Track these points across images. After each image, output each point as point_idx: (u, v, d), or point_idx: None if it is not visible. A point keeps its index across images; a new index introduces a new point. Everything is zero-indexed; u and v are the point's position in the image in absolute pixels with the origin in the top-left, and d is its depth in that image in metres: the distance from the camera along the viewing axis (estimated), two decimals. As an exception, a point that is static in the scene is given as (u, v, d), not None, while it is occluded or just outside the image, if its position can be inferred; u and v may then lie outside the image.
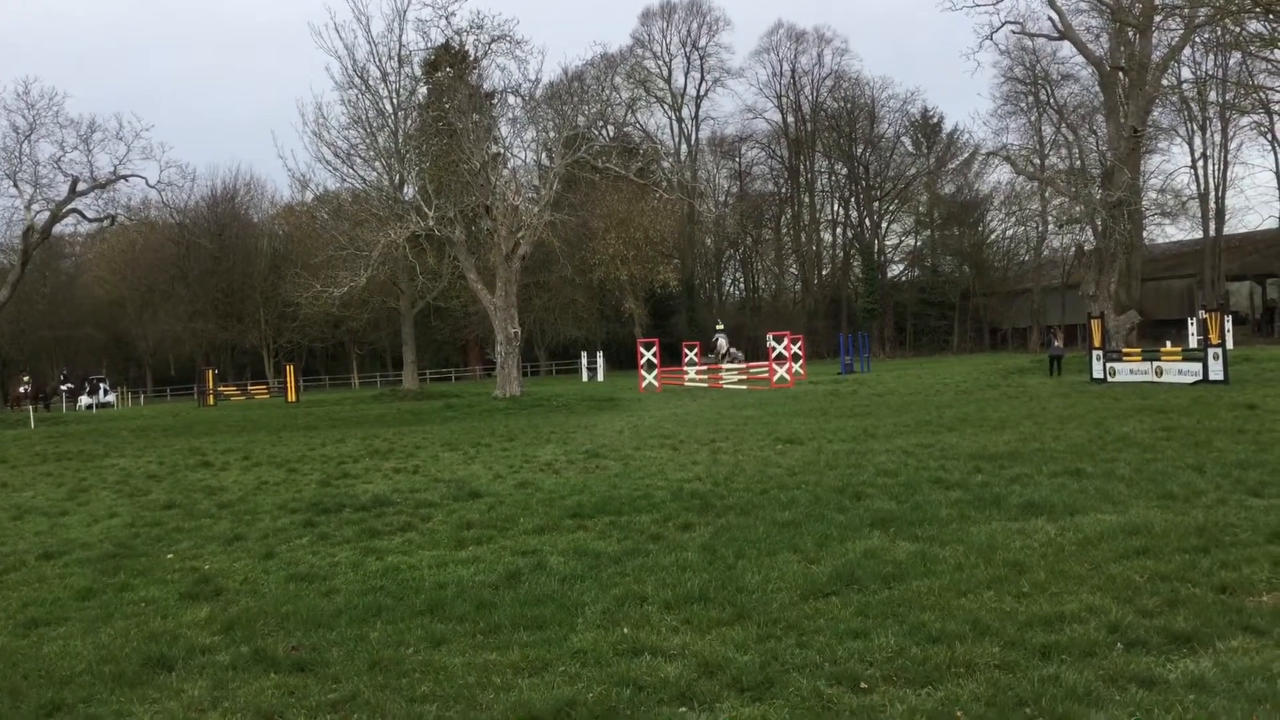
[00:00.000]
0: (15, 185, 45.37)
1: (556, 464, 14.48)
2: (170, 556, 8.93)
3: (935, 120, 78.16)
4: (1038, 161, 66.14)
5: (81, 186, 45.61)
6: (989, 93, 76.04)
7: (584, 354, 58.61)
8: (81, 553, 9.29)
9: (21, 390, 47.58)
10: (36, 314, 70.99)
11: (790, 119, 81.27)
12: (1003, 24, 43.71)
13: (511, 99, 41.61)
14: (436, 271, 47.19)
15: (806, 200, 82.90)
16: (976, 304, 75.42)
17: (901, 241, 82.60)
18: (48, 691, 5.44)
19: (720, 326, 49.35)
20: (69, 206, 46.10)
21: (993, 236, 78.39)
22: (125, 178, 46.99)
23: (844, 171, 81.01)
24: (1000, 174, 74.88)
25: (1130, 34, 38.53)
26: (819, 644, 5.53)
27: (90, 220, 50.58)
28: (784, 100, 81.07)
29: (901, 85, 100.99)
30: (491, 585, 7.24)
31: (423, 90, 44.89)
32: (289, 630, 6.37)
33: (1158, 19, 37.12)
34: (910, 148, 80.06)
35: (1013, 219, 75.74)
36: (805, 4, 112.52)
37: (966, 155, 76.85)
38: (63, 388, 56.07)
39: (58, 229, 51.31)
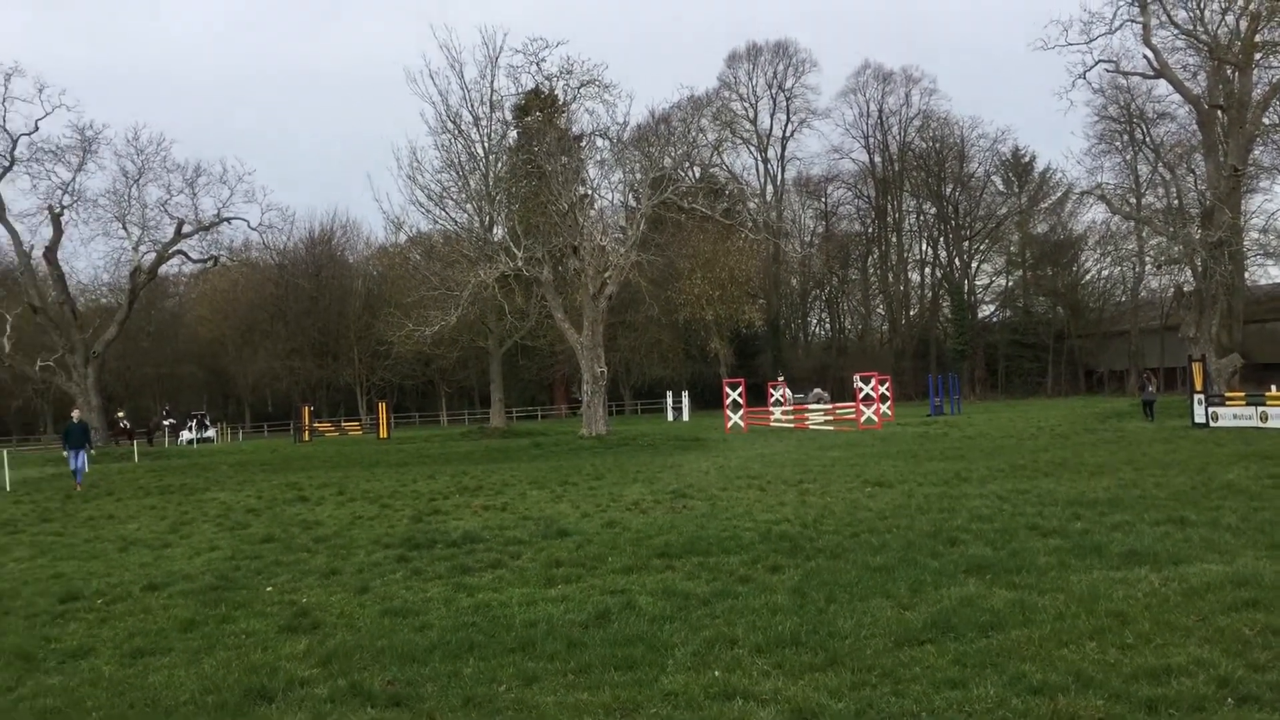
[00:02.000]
0: (124, 227, 47.49)
1: (643, 503, 14.50)
2: (269, 589, 9.15)
3: (1027, 159, 76.97)
4: (1133, 201, 64.64)
5: (186, 229, 47.46)
6: (1082, 131, 74.59)
7: (669, 393, 58.64)
8: (184, 584, 9.57)
9: (120, 425, 49.26)
10: (141, 351, 73.67)
11: (877, 159, 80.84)
12: (1096, 63, 42.79)
13: (599, 142, 42.19)
14: (524, 311, 47.80)
15: (894, 240, 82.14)
16: (1071, 346, 73.59)
17: (992, 281, 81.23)
18: (154, 720, 5.61)
19: (781, 378, 49.22)
20: (174, 248, 47.99)
21: (1088, 277, 76.61)
22: (228, 220, 48.83)
23: (933, 211, 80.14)
24: (1095, 213, 73.12)
25: (1229, 71, 37.60)
26: (915, 693, 5.43)
27: (194, 261, 52.63)
28: (871, 140, 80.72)
29: (991, 124, 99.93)
30: (581, 624, 7.27)
31: (513, 134, 45.77)
32: (384, 664, 6.48)
33: (1257, 56, 36.16)
34: (1001, 187, 78.87)
35: (1108, 259, 73.99)
36: (893, 45, 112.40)
37: (1059, 194, 75.36)
38: (165, 423, 57.93)
39: (163, 269, 53.37)
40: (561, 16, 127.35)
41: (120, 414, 50.19)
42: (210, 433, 61.34)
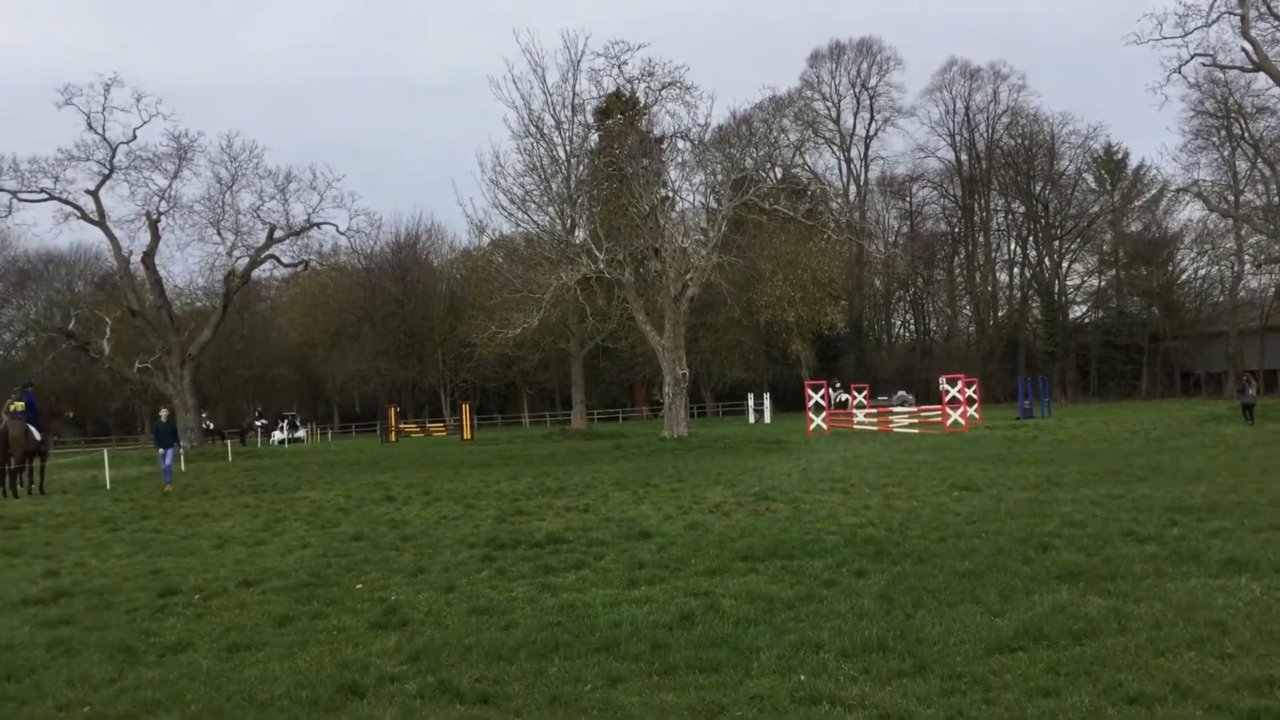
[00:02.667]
0: (219, 233, 48.85)
1: (725, 506, 14.45)
2: (359, 587, 9.32)
3: (1120, 156, 74.97)
4: (1231, 198, 62.58)
5: (278, 234, 48.64)
6: (1177, 127, 72.28)
7: (750, 395, 58.39)
8: (278, 581, 9.79)
9: (206, 427, 50.62)
10: (234, 353, 75.81)
11: (964, 157, 79.51)
12: (1192, 56, 41.58)
13: (681, 143, 42.26)
14: (606, 313, 48.06)
15: (981, 240, 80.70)
16: (1166, 347, 71.47)
17: (1084, 282, 79.27)
18: (249, 714, 5.76)
19: (838, 385, 48.90)
20: (266, 252, 49.22)
21: (1184, 276, 74.39)
22: (318, 225, 49.93)
23: (1021, 210, 78.53)
24: (1191, 211, 71.04)
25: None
26: (1007, 700, 5.33)
27: (285, 265, 53.95)
28: (957, 138, 79.44)
29: (1083, 120, 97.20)
30: (665, 626, 7.27)
31: (594, 137, 46.05)
32: (471, 662, 6.56)
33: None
34: (1093, 184, 76.96)
35: (1205, 258, 71.76)
36: (980, 41, 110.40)
37: (1154, 192, 73.31)
38: (258, 423, 59.44)
39: (255, 274, 54.77)
40: (643, 20, 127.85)
41: (204, 415, 51.61)
42: (300, 433, 62.82)
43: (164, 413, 25.89)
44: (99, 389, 71.30)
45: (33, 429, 23.71)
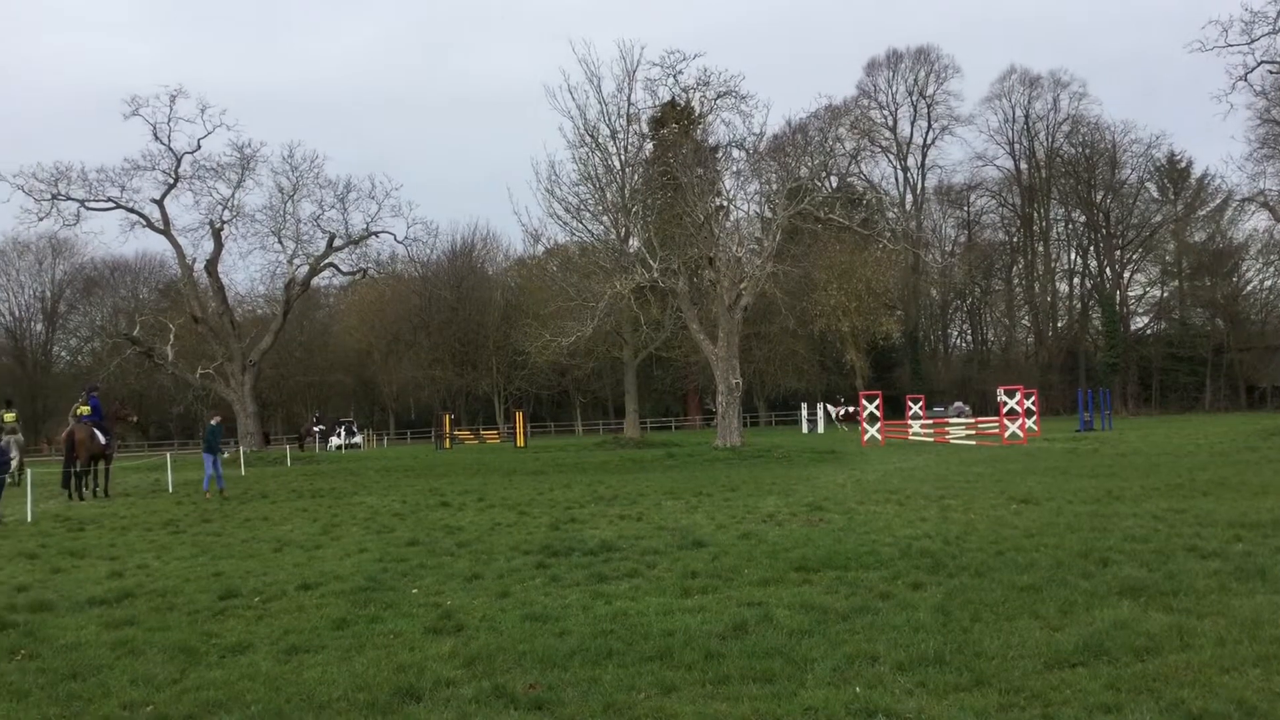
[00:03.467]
0: (280, 241, 49.56)
1: (779, 516, 14.38)
2: (415, 591, 9.41)
3: (1183, 164, 73.59)
4: (1300, 207, 61.01)
5: (338, 242, 49.21)
6: (1243, 135, 70.64)
7: (804, 405, 58.08)
8: (335, 584, 9.92)
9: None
10: (294, 360, 77.02)
11: (1023, 166, 78.57)
12: (1258, 64, 40.50)
13: (735, 152, 42.15)
14: (659, 322, 48.05)
15: (1040, 249, 79.61)
16: (1231, 359, 69.88)
17: (1146, 292, 77.87)
18: (308, 715, 5.84)
19: (842, 400, 48.66)
20: (326, 261, 49.83)
21: (1249, 287, 72.77)
22: (376, 234, 50.42)
23: (1082, 219, 77.37)
24: (1257, 221, 69.42)
25: None
26: (1066, 716, 5.25)
27: (344, 273, 54.57)
28: (1017, 147, 78.55)
29: (1145, 129, 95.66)
30: (719, 635, 7.25)
31: (649, 146, 46.10)
32: (526, 668, 6.60)
33: None
34: (1155, 194, 75.61)
35: (1272, 269, 70.09)
36: (1040, 48, 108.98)
37: (1219, 201, 71.83)
38: (316, 429, 60.24)
39: (314, 281, 55.55)
40: (699, 29, 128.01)
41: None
42: (357, 439, 63.55)
43: (215, 418, 26.05)
44: (162, 394, 72.76)
45: (98, 432, 24.26)
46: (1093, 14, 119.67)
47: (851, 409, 56.83)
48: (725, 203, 42.17)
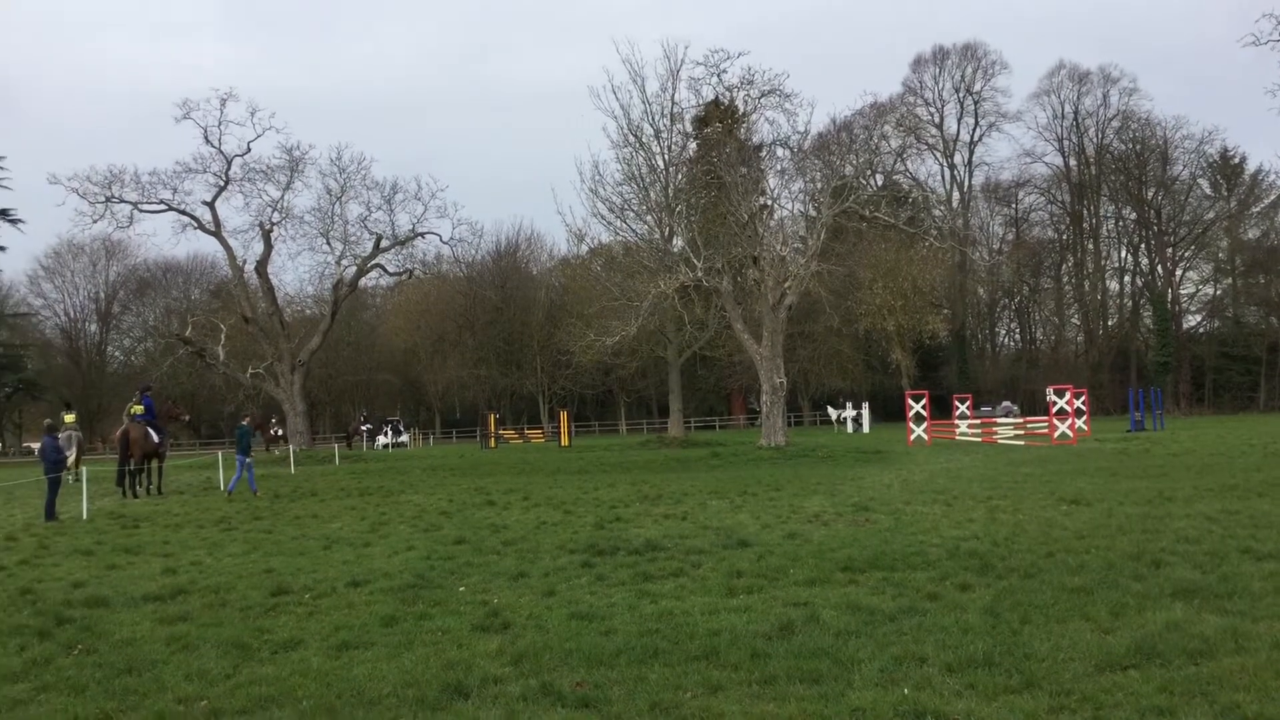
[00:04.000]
0: (328, 242, 50.12)
1: (824, 516, 14.31)
2: (462, 589, 9.49)
3: (1236, 160, 72.20)
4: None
5: (384, 243, 49.66)
6: (1300, 129, 69.56)
7: (848, 405, 57.72)
8: (384, 582, 10.02)
9: (275, 433, 51.71)
10: (342, 360, 77.87)
11: (1072, 162, 77.52)
12: (1317, 55, 39.77)
13: (780, 151, 42.01)
14: (703, 321, 47.97)
15: (1090, 247, 78.53)
16: (1286, 358, 68.52)
17: (1198, 290, 76.52)
18: (359, 711, 5.91)
19: (841, 399, 48.53)
20: (373, 261, 50.30)
21: (1306, 284, 71.19)
22: (422, 235, 50.81)
23: (1133, 216, 76.19)
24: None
25: None
26: (1118, 719, 5.17)
27: (391, 274, 55.04)
28: (1065, 143, 77.52)
29: (1197, 124, 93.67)
30: (764, 635, 7.24)
31: (693, 145, 46.02)
32: (572, 666, 6.63)
33: None
34: (1208, 190, 74.25)
35: (1328, 265, 68.56)
36: (1089, 44, 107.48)
37: (1273, 197, 70.36)
38: (363, 428, 60.85)
39: (361, 282, 56.08)
40: (743, 28, 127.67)
41: (273, 420, 52.76)
42: (404, 438, 64.09)
43: (246, 420, 26.36)
44: (213, 393, 73.87)
45: (151, 431, 24.68)
46: (1144, 8, 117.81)
47: (849, 412, 56.92)
48: (769, 201, 42.05)
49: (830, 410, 59.83)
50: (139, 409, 25.05)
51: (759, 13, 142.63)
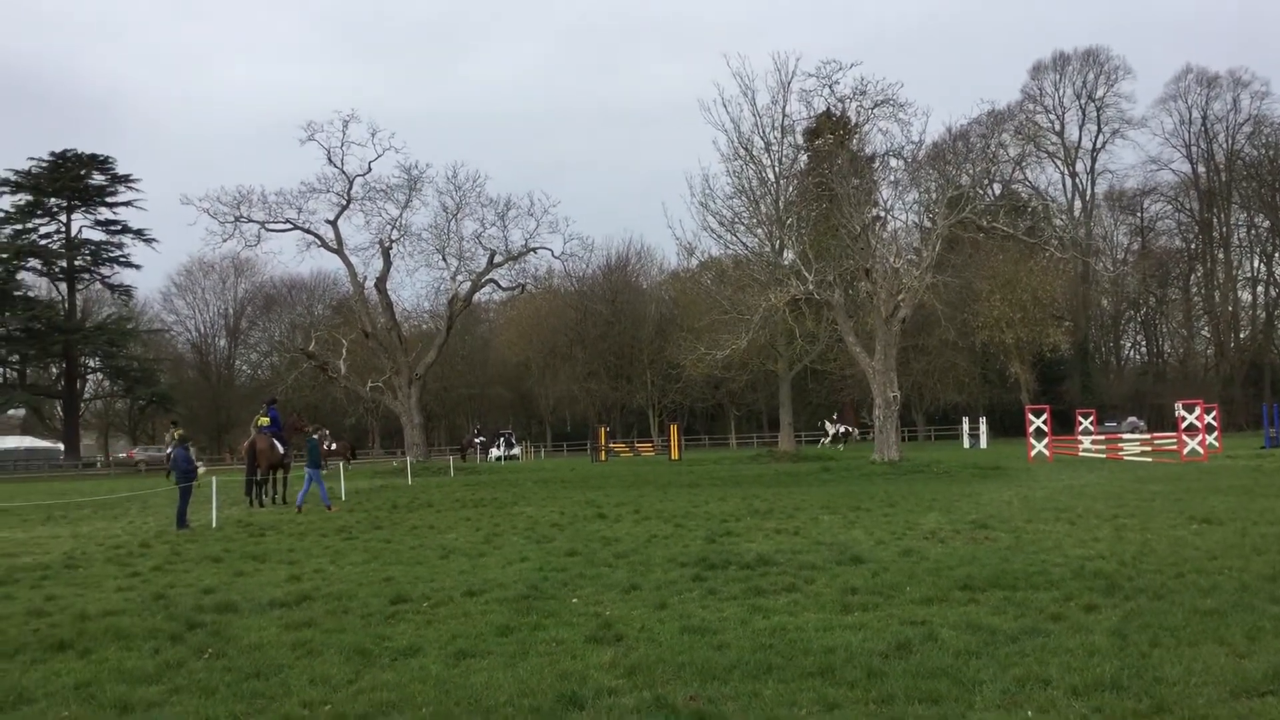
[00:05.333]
0: (444, 258, 51.37)
1: (941, 532, 14.01)
2: (575, 601, 9.57)
3: (1377, 165, 68.44)
4: None
5: (498, 259, 50.64)
6: None
7: (965, 420, 56.41)
8: (499, 592, 10.17)
9: (328, 446, 52.53)
10: (456, 374, 79.42)
11: (1201, 169, 74.56)
12: None
13: (893, 161, 41.40)
14: (814, 335, 47.54)
15: (1221, 256, 75.32)
16: None
17: (1337, 300, 72.69)
18: (476, 719, 6.00)
19: (835, 416, 47.44)
20: (487, 277, 51.35)
21: None
22: (534, 250, 51.62)
23: (1266, 224, 72.85)
24: None
25: None
26: (1257, 749, 4.94)
27: (504, 289, 56.12)
28: (1194, 150, 74.60)
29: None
30: (881, 654, 7.11)
31: (804, 158, 45.70)
32: (685, 680, 6.62)
33: None
34: (1347, 196, 70.54)
35: None
36: (1217, 47, 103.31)
37: None
38: (477, 440, 61.95)
39: (476, 297, 57.21)
40: (857, 38, 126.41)
41: (325, 431, 53.77)
42: (516, 450, 64.97)
43: (317, 434, 26.66)
44: (335, 406, 76.07)
45: (277, 442, 25.55)
46: (1275, 10, 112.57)
47: (845, 428, 55.76)
48: (882, 213, 41.48)
49: (827, 426, 58.94)
50: (265, 421, 25.95)
51: (874, 20, 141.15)
